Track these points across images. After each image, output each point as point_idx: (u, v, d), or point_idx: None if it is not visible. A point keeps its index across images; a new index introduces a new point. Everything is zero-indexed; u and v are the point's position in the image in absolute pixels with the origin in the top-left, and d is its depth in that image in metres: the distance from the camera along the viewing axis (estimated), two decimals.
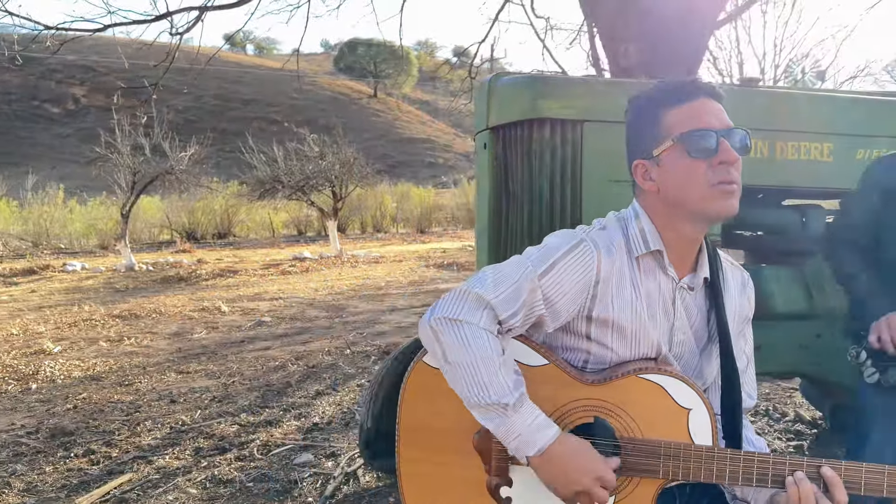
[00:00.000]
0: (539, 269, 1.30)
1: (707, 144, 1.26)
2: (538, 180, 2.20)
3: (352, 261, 14.52)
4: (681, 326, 1.39)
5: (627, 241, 1.36)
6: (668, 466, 1.27)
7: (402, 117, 44.98)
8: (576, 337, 1.38)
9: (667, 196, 1.33)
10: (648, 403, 1.30)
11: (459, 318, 1.25)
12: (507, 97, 2.27)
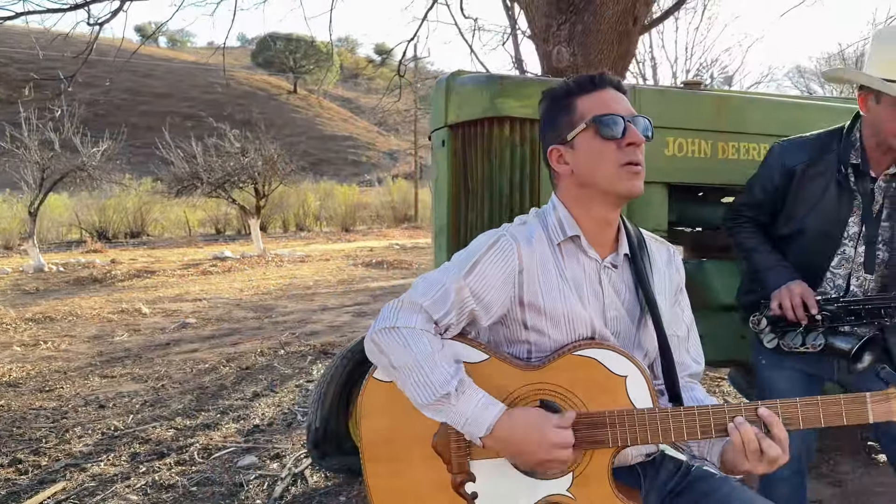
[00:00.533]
0: (464, 269, 1.38)
1: (616, 127, 1.37)
2: (498, 177, 2.24)
3: (276, 260, 14.23)
4: (611, 304, 1.46)
5: (547, 231, 1.45)
6: (616, 434, 1.33)
7: (323, 114, 44.35)
8: (514, 329, 1.44)
9: (580, 177, 1.42)
10: (587, 378, 1.35)
11: (396, 325, 1.34)
12: (466, 96, 2.29)
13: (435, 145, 2.49)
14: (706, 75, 28.46)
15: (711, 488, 1.48)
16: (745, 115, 2.49)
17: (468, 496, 1.37)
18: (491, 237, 1.44)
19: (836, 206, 1.94)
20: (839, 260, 1.96)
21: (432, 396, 1.29)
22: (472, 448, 1.36)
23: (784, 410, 1.29)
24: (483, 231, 2.19)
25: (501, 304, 1.41)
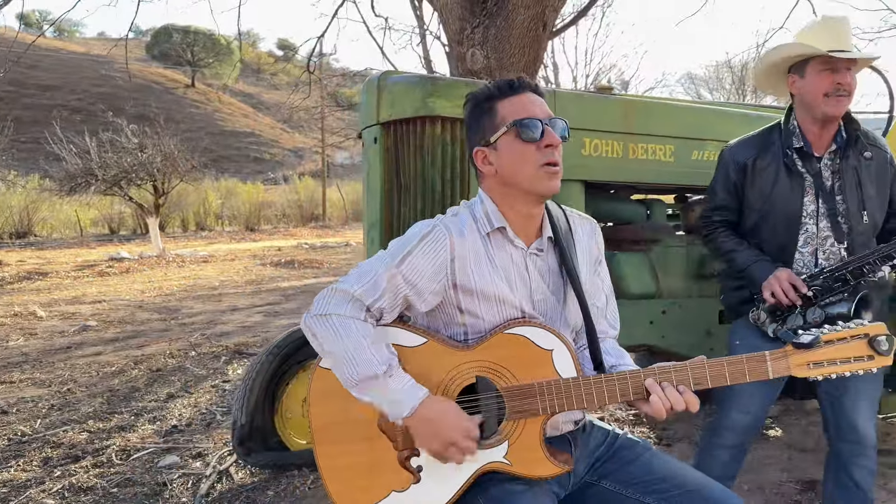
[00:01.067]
0: (397, 258, 1.47)
1: (535, 130, 1.49)
2: (430, 175, 2.34)
3: (177, 260, 13.75)
4: (537, 288, 1.59)
5: (476, 222, 1.56)
6: (545, 403, 1.45)
7: (223, 109, 42.92)
8: (450, 313, 1.55)
9: (503, 177, 1.54)
10: (517, 353, 1.48)
11: (328, 312, 1.42)
12: (399, 95, 2.38)
13: (366, 142, 2.56)
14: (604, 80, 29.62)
15: (635, 455, 1.64)
16: (652, 118, 2.70)
17: (414, 469, 1.47)
18: (425, 227, 1.53)
19: (790, 189, 2.12)
20: (804, 239, 2.14)
21: (360, 377, 1.38)
22: None
23: (694, 371, 1.45)
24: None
25: (435, 290, 1.50)
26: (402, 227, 2.41)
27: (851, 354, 1.41)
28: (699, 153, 2.74)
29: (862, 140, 2.14)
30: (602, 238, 1.75)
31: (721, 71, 35.12)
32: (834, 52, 1.98)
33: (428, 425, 1.39)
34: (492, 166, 1.55)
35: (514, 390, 1.46)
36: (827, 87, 2.02)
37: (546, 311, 1.59)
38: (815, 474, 3.18)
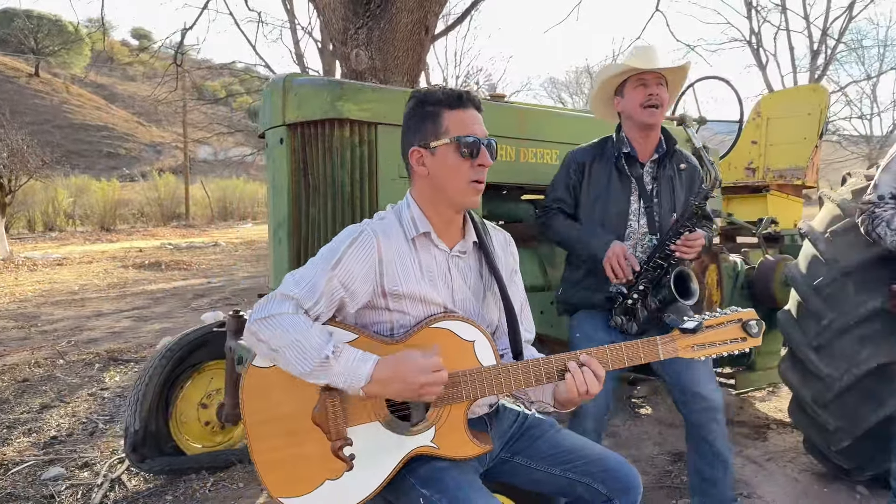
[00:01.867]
0: (330, 263, 1.57)
1: (473, 148, 1.64)
2: (340, 175, 2.41)
3: (28, 264, 12.69)
4: (459, 288, 1.74)
5: (403, 226, 1.69)
6: (468, 389, 1.60)
7: (71, 101, 39.65)
8: (378, 312, 1.66)
9: (434, 181, 1.68)
10: (442, 345, 1.60)
11: (270, 314, 1.49)
12: (306, 97, 2.43)
13: (270, 142, 2.58)
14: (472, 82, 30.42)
15: (542, 431, 1.82)
16: (541, 125, 2.92)
17: (346, 458, 1.55)
18: (353, 232, 1.63)
19: (619, 189, 2.47)
20: (627, 234, 2.48)
21: (313, 363, 1.45)
22: (348, 416, 1.55)
23: (598, 355, 1.64)
24: (326, 223, 2.38)
25: (366, 291, 1.61)
26: (311, 227, 2.47)
27: (728, 337, 1.65)
28: (539, 152, 2.99)
29: (679, 153, 2.53)
30: (516, 248, 1.92)
31: (581, 76, 37.14)
32: (642, 67, 2.37)
33: (391, 383, 1.48)
34: (425, 168, 1.67)
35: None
36: (641, 98, 2.38)
37: (466, 309, 1.73)
38: (682, 447, 3.53)
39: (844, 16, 22.31)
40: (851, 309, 2.73)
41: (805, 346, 2.86)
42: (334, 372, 1.47)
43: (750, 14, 22.68)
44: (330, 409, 1.53)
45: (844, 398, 2.76)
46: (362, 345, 1.57)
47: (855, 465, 2.91)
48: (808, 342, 2.85)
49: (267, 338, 1.48)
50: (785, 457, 3.41)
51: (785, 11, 22.40)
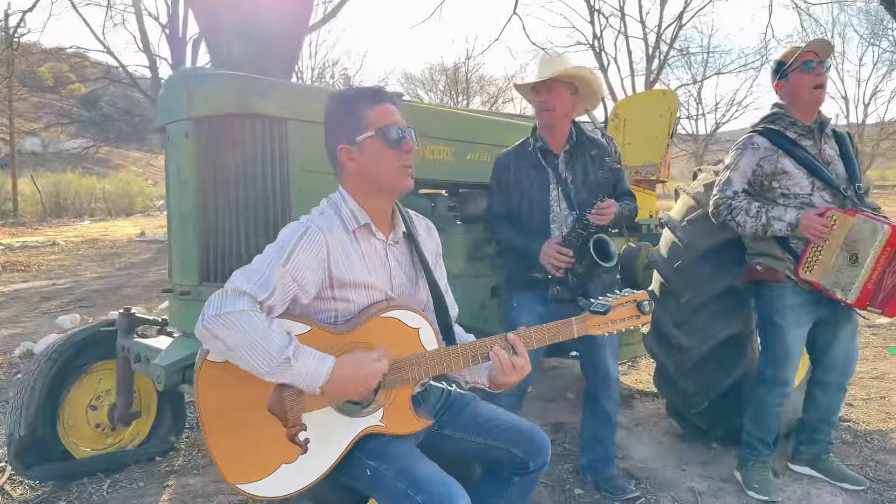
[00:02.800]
0: (281, 259, 1.65)
1: (397, 137, 1.78)
2: (251, 170, 2.44)
3: None
4: (396, 273, 1.89)
5: (343, 220, 1.81)
6: (414, 372, 1.74)
7: None
8: (324, 301, 1.77)
9: (365, 174, 1.81)
10: (390, 333, 1.75)
11: (224, 311, 1.54)
12: (215, 92, 2.43)
13: (174, 136, 2.55)
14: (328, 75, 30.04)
15: (464, 404, 2.00)
16: (439, 124, 3.10)
17: (302, 443, 1.64)
18: (299, 228, 1.72)
19: (539, 180, 2.79)
20: (552, 217, 2.78)
21: (273, 363, 1.52)
22: (304, 403, 1.64)
23: (523, 337, 1.84)
24: (237, 217, 2.42)
25: (315, 284, 1.71)
26: (220, 220, 2.48)
27: (626, 315, 1.91)
28: (473, 154, 3.20)
29: (587, 143, 2.85)
30: (437, 235, 2.07)
31: (435, 73, 37.81)
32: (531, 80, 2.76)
33: (347, 383, 1.59)
34: (354, 162, 1.79)
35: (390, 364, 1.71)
36: (538, 104, 2.77)
37: (402, 293, 1.88)
38: (559, 418, 3.89)
39: (675, 24, 24.49)
40: (706, 288, 3.15)
41: (667, 322, 3.25)
42: (294, 372, 1.54)
43: (593, 19, 24.29)
44: (286, 398, 1.60)
45: (702, 366, 3.18)
46: (315, 336, 1.66)
47: (710, 424, 3.36)
48: (671, 318, 3.25)
49: (223, 335, 1.52)
50: (650, 422, 3.84)
51: (624, 18, 24.21)
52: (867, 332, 6.06)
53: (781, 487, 2.96)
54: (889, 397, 4.32)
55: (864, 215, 2.69)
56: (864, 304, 2.73)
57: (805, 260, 2.74)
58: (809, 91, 2.82)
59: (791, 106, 2.91)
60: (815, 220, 2.68)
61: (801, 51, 2.83)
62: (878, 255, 2.65)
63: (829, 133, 2.92)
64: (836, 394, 3.05)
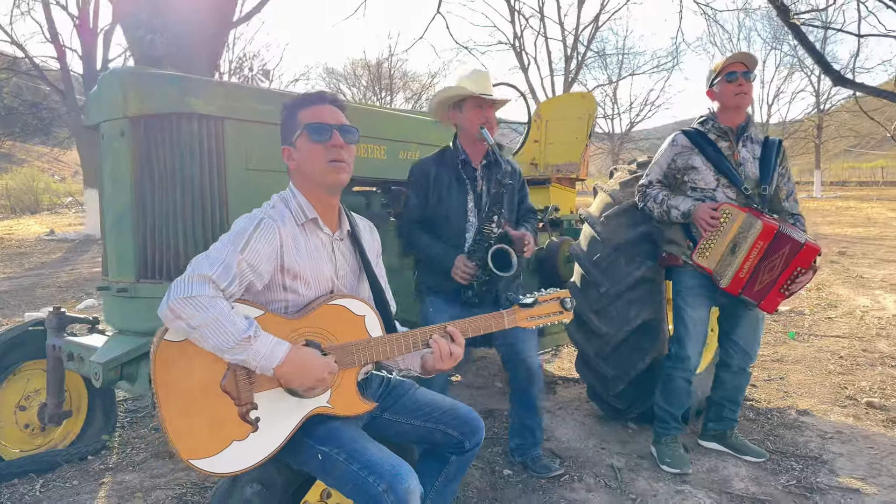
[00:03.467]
0: (239, 247, 1.76)
1: (323, 133, 1.89)
2: (189, 168, 2.48)
3: None
4: (341, 266, 2.01)
5: (293, 214, 1.92)
6: (359, 356, 1.87)
7: None
8: (275, 290, 1.87)
9: (301, 171, 1.93)
10: (337, 319, 1.87)
11: (192, 294, 1.64)
12: (152, 91, 2.45)
13: (108, 135, 2.55)
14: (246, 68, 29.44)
15: (404, 391, 2.13)
16: (373, 123, 3.20)
17: (252, 421, 1.74)
18: (254, 220, 1.82)
19: (457, 191, 2.90)
20: (467, 226, 2.90)
21: (235, 342, 1.62)
22: (255, 383, 1.73)
23: (460, 326, 1.98)
24: (175, 214, 2.47)
25: (269, 271, 1.81)
26: (158, 217, 2.51)
27: (551, 311, 2.09)
28: (405, 153, 3.32)
29: (500, 160, 2.98)
30: (378, 235, 2.19)
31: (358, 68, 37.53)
32: (483, 95, 2.84)
33: (297, 370, 1.70)
34: (294, 161, 1.92)
35: (336, 348, 1.83)
36: (479, 119, 2.85)
37: (346, 285, 1.99)
38: (490, 405, 4.07)
39: (592, 25, 25.25)
40: (622, 278, 3.39)
41: (588, 311, 3.48)
42: (252, 352, 1.64)
43: (513, 19, 24.76)
44: (239, 378, 1.70)
45: (619, 351, 3.42)
46: (269, 321, 1.75)
47: (627, 405, 3.61)
48: (591, 307, 3.48)
49: (188, 316, 1.60)
50: (572, 405, 4.08)
51: (543, 19, 24.78)
52: (769, 319, 6.54)
53: (691, 461, 3.23)
54: (787, 378, 4.72)
55: (752, 212, 2.97)
56: (736, 290, 3.01)
57: (699, 246, 3.03)
58: (731, 97, 3.11)
59: (718, 111, 3.19)
60: (706, 212, 2.99)
61: (728, 62, 3.11)
62: (751, 247, 2.93)
63: (757, 138, 3.21)
64: (741, 376, 3.34)
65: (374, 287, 2.06)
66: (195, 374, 1.70)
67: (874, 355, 5.24)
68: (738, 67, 3.10)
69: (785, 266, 2.94)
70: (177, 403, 1.68)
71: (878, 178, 39.91)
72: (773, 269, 2.94)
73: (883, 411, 3.98)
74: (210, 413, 1.71)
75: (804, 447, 3.45)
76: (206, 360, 1.67)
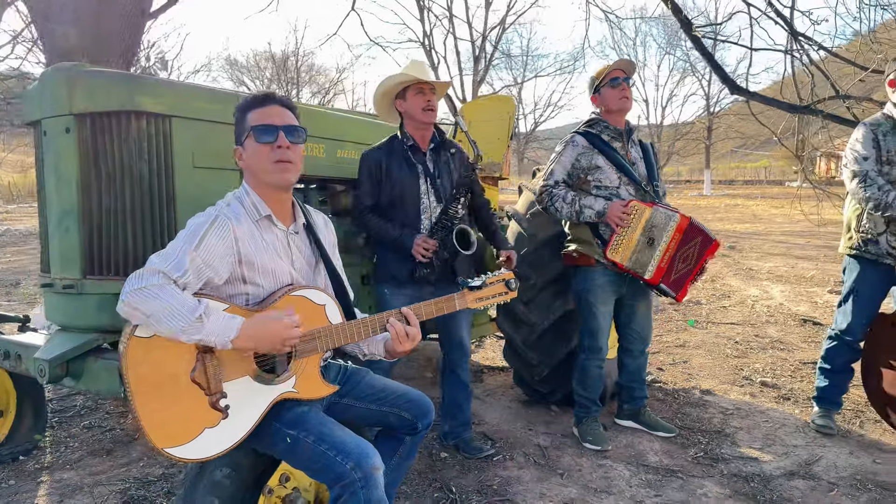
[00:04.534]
0: (193, 243, 1.85)
1: (267, 134, 1.99)
2: (137, 165, 2.50)
3: None
4: (297, 259, 2.12)
5: (247, 211, 2.03)
6: (321, 343, 2.00)
7: None
8: (236, 285, 1.98)
9: (250, 170, 2.04)
10: (300, 309, 1.98)
11: (142, 285, 1.73)
12: (100, 88, 2.45)
13: (50, 132, 2.52)
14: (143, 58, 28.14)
15: (360, 377, 2.28)
16: (313, 122, 3.27)
17: (222, 408, 1.84)
18: (210, 217, 1.91)
19: (409, 176, 3.07)
20: (422, 209, 3.08)
21: (188, 321, 1.71)
22: (223, 373, 1.83)
23: (415, 310, 2.14)
24: (124, 212, 2.51)
25: (226, 267, 1.90)
26: (106, 215, 2.51)
27: (497, 292, 2.28)
28: (342, 152, 3.43)
29: (448, 141, 3.22)
30: (334, 227, 2.31)
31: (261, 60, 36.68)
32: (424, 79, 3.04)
33: (257, 337, 1.80)
34: (243, 161, 2.03)
35: (300, 337, 1.93)
36: (423, 104, 3.04)
37: (304, 277, 2.11)
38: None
39: (499, 27, 25.81)
40: (547, 271, 3.65)
41: (517, 302, 3.71)
42: (206, 329, 1.73)
43: (423, 17, 24.95)
44: (208, 368, 1.80)
45: (544, 338, 3.68)
46: (234, 313, 1.85)
47: (550, 389, 3.88)
48: (519, 298, 3.69)
49: (142, 306, 1.69)
50: (499, 392, 4.32)
51: (452, 18, 25.10)
52: (670, 308, 7.04)
53: (610, 439, 3.52)
54: (690, 361, 5.15)
55: (660, 206, 3.27)
56: (657, 280, 3.28)
57: (612, 243, 3.28)
58: (617, 101, 3.40)
59: (604, 114, 3.47)
60: (619, 210, 3.25)
61: (610, 69, 3.40)
62: (670, 239, 3.21)
63: (636, 140, 3.52)
64: (640, 358, 3.67)
65: (333, 276, 2.18)
66: (165, 367, 1.78)
67: (765, 340, 5.79)
68: (620, 73, 3.41)
69: (699, 258, 3.24)
70: (149, 396, 1.76)
71: (762, 177, 42.92)
72: (688, 260, 3.24)
73: (775, 389, 4.43)
74: (181, 403, 1.79)
75: (708, 423, 3.82)
76: (175, 352, 1.76)
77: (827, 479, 3.10)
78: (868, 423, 3.78)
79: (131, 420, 1.80)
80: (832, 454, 3.37)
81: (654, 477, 3.13)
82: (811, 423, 3.74)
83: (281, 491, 2.12)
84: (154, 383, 1.77)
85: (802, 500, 2.91)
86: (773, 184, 39.30)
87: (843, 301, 3.60)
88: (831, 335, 3.68)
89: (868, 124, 3.42)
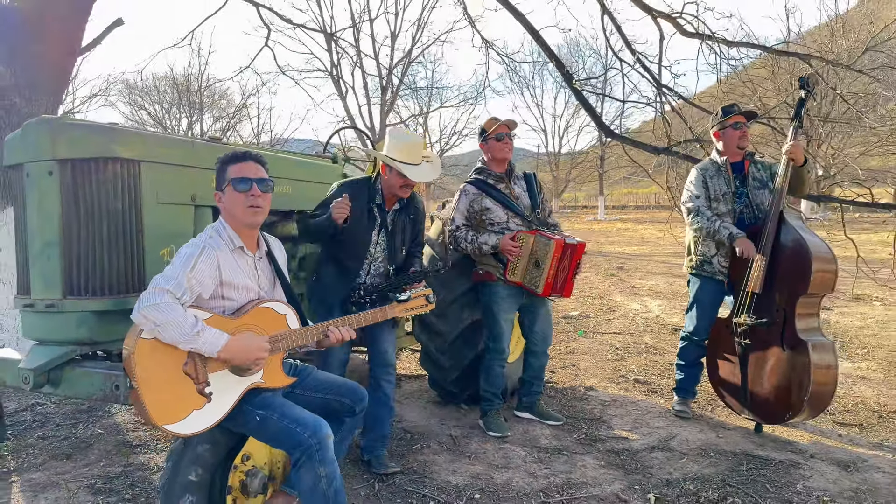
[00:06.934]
0: (188, 267, 2.40)
1: (244, 185, 2.57)
2: (113, 203, 2.98)
3: None
4: (262, 279, 2.69)
5: (225, 242, 2.59)
6: (284, 343, 2.55)
7: None
8: (216, 299, 2.52)
9: (228, 211, 2.62)
10: (267, 318, 2.56)
11: (155, 302, 2.27)
12: (82, 138, 2.90)
13: (35, 173, 2.93)
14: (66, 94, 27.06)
15: (308, 373, 2.85)
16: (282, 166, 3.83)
17: (207, 395, 2.37)
18: (198, 246, 2.45)
19: (367, 226, 3.48)
20: (367, 256, 3.49)
21: (187, 336, 2.25)
22: (208, 367, 2.36)
23: (353, 318, 2.74)
24: (101, 243, 3.00)
25: (211, 286, 2.45)
26: (84, 246, 2.94)
27: (419, 304, 2.92)
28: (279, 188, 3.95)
29: (411, 206, 3.65)
30: (285, 250, 2.89)
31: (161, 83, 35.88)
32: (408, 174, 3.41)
33: (238, 353, 2.35)
34: (222, 203, 2.59)
35: (268, 340, 2.49)
36: (402, 182, 3.44)
37: (266, 293, 2.66)
38: None
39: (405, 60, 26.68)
40: (457, 287, 4.31)
41: (430, 314, 4.33)
42: (201, 342, 2.28)
43: (330, 48, 25.49)
44: (196, 363, 2.32)
45: (455, 345, 4.33)
46: (215, 320, 2.39)
47: (460, 389, 4.53)
48: (432, 311, 4.33)
49: (154, 317, 2.21)
50: (416, 395, 4.93)
51: (359, 51, 25.76)
52: (563, 322, 7.88)
53: (510, 427, 4.20)
54: (578, 364, 5.94)
55: (541, 234, 4.00)
56: (548, 293, 3.98)
57: (509, 268, 4.01)
58: (500, 152, 4.12)
59: (489, 161, 4.20)
60: (508, 244, 3.97)
61: (497, 125, 4.11)
62: (551, 259, 3.91)
63: (520, 175, 4.25)
64: (542, 358, 4.39)
65: (287, 290, 2.75)
66: (164, 362, 2.30)
67: (641, 346, 6.68)
68: (505, 129, 4.14)
69: (571, 263, 3.97)
70: (151, 383, 2.27)
71: (651, 202, 45.74)
72: (566, 269, 3.97)
73: (645, 385, 5.27)
74: (176, 390, 2.31)
75: (590, 412, 4.57)
76: (171, 350, 2.29)
77: (680, 450, 3.89)
78: (718, 409, 4.64)
79: (132, 402, 2.28)
80: (686, 432, 4.18)
81: (545, 455, 3.82)
82: (672, 410, 4.56)
83: (243, 467, 2.64)
84: (155, 374, 2.28)
85: (660, 466, 3.67)
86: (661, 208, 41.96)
87: (689, 309, 4.47)
88: (683, 336, 4.53)
89: (699, 169, 4.31)
